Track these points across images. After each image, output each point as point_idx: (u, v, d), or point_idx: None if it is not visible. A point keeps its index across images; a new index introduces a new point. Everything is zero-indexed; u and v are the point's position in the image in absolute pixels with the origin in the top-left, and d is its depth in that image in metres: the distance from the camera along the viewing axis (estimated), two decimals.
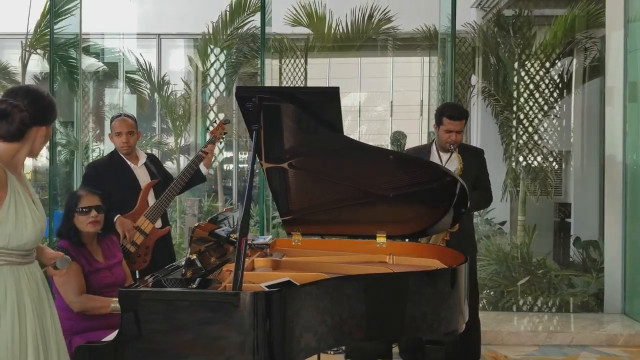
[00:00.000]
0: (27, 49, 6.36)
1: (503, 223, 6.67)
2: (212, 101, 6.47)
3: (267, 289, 2.16)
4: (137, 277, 3.39)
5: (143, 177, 3.55)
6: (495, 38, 6.13)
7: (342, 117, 2.47)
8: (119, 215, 3.39)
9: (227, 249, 2.74)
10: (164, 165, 4.35)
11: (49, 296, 2.07)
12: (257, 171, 4.51)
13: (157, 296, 2.07)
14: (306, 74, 6.65)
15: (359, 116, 7.83)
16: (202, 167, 3.63)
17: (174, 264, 2.61)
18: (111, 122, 3.65)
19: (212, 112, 6.47)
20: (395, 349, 4.17)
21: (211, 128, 5.48)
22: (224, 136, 3.75)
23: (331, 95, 2.36)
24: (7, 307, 1.88)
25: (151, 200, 3.52)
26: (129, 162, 3.55)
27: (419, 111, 7.74)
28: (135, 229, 3.40)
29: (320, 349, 2.30)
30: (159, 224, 3.53)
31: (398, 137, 7.16)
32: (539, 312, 5.32)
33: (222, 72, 6.39)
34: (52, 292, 2.19)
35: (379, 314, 2.36)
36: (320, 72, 7.27)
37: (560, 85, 6.21)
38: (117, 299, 2.07)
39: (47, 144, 2.29)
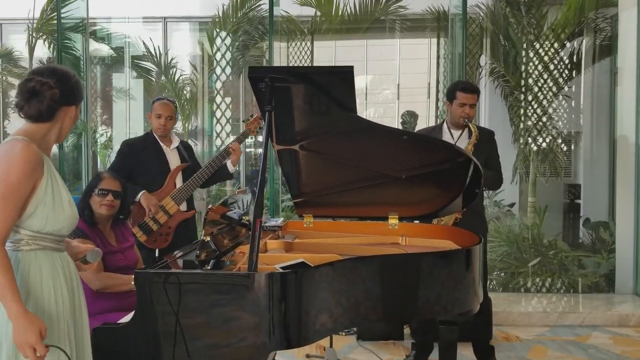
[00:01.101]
0: (33, 34, 6.33)
1: (512, 205, 6.65)
2: (218, 85, 6.44)
3: (281, 270, 2.15)
4: (157, 255, 3.48)
5: (174, 160, 3.63)
6: (507, 18, 6.06)
7: (355, 97, 2.44)
8: (144, 191, 3.46)
9: (239, 231, 2.74)
10: None
11: (80, 287, 2.01)
12: None
13: (174, 279, 2.06)
14: (312, 56, 6.62)
15: (366, 99, 7.80)
16: (229, 165, 3.66)
17: (194, 242, 2.62)
18: (153, 103, 3.71)
19: (218, 95, 6.44)
20: (406, 330, 4.18)
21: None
22: (258, 130, 3.74)
23: (345, 75, 2.32)
24: (44, 289, 1.82)
25: (179, 183, 3.60)
26: (162, 144, 3.62)
27: (426, 93, 7.70)
28: (160, 208, 3.46)
29: (336, 330, 2.30)
30: (184, 207, 3.59)
31: (408, 118, 7.11)
32: (549, 293, 5.32)
33: (228, 55, 6.35)
34: None
35: (394, 295, 2.35)
36: (326, 55, 7.23)
37: (570, 66, 6.15)
38: None
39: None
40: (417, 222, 3.30)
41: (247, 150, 7.50)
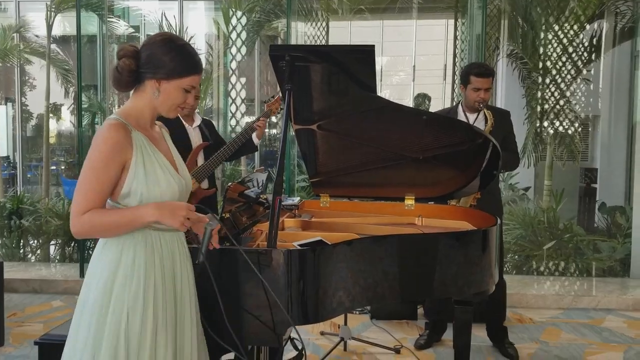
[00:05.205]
0: (52, 10, 6.36)
1: (527, 189, 6.61)
2: (233, 64, 6.43)
3: (300, 248, 2.17)
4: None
5: (196, 138, 3.67)
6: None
7: (375, 76, 2.43)
8: None
9: (256, 210, 2.76)
10: None
11: (184, 270, 1.88)
12: (279, 135, 4.52)
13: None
14: (328, 37, 6.58)
15: (381, 81, 7.75)
16: (254, 138, 3.69)
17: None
18: None
19: (233, 75, 6.44)
20: (420, 310, 4.21)
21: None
22: (280, 110, 3.75)
23: (366, 54, 2.31)
24: (134, 275, 1.74)
25: (200, 161, 3.64)
26: (184, 123, 3.64)
27: (442, 75, 7.65)
28: None
29: (353, 308, 2.32)
30: (205, 184, 3.63)
31: (421, 100, 7.07)
32: (564, 276, 5.31)
33: (243, 35, 6.33)
34: None
35: (411, 274, 2.37)
36: (341, 36, 7.18)
37: (589, 49, 6.06)
38: None
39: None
40: (431, 203, 3.31)
41: None
